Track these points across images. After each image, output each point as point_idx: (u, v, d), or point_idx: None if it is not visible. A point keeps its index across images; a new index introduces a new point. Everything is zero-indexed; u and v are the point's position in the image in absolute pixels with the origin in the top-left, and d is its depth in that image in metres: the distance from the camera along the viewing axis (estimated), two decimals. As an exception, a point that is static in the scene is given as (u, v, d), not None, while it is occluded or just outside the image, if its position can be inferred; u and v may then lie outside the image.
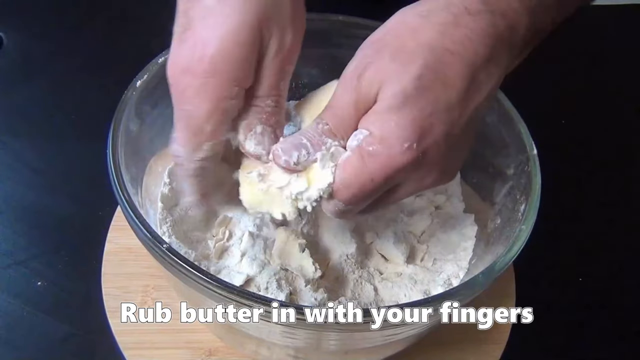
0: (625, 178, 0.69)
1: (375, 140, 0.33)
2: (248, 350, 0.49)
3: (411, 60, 0.33)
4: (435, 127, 0.33)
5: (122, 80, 0.45)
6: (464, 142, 0.36)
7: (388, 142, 0.33)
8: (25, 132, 0.66)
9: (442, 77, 0.33)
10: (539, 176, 0.43)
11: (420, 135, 0.33)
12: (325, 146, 0.35)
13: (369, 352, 0.44)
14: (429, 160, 0.34)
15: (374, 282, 0.48)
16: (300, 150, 0.35)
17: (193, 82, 0.35)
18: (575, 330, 0.55)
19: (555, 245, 0.58)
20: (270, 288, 0.43)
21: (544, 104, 0.73)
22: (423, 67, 0.32)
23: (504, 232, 0.44)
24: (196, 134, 0.36)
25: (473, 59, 0.33)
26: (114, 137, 0.41)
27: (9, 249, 0.55)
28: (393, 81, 0.33)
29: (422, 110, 0.33)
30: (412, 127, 0.32)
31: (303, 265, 0.45)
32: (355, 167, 0.34)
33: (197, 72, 0.34)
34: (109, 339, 0.49)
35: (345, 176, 0.34)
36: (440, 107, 0.33)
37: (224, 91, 0.35)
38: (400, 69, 0.33)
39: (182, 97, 0.36)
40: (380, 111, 0.33)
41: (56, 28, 0.78)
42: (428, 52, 0.33)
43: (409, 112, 0.32)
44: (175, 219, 0.49)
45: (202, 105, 0.35)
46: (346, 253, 0.48)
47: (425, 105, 0.33)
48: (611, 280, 0.59)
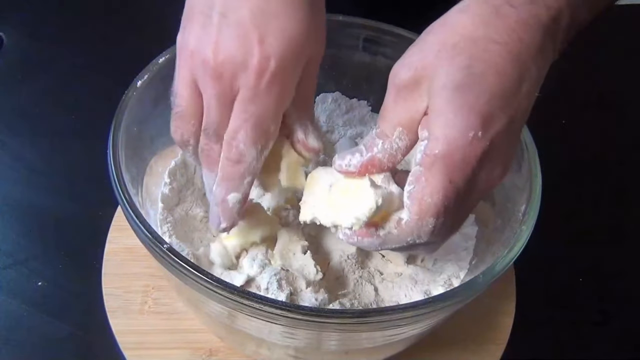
0: (626, 178, 0.69)
1: (438, 141, 0.31)
2: (248, 350, 0.49)
3: (456, 53, 0.32)
4: (496, 115, 0.31)
5: (122, 80, 0.45)
6: (520, 132, 0.35)
7: (452, 136, 0.31)
8: (25, 132, 0.66)
9: (492, 65, 0.31)
10: (539, 176, 0.43)
11: (483, 124, 0.31)
12: (377, 147, 0.35)
13: (369, 352, 0.44)
14: (497, 152, 0.32)
15: (374, 282, 0.48)
16: (354, 154, 0.35)
17: (255, 82, 0.34)
18: (576, 330, 0.55)
19: (555, 245, 0.58)
20: (271, 288, 0.43)
21: (544, 105, 0.72)
22: (470, 58, 0.31)
23: (505, 233, 0.44)
24: (265, 133, 0.36)
25: (519, 48, 0.32)
26: (115, 137, 0.41)
27: (9, 249, 0.55)
28: (440, 75, 0.31)
29: (478, 97, 0.31)
30: (471, 114, 0.31)
31: (305, 266, 0.45)
32: (430, 174, 0.32)
33: (260, 70, 0.34)
34: (109, 339, 0.49)
35: (422, 187, 0.32)
36: (497, 94, 0.31)
37: (289, 92, 0.35)
38: (446, 63, 0.32)
39: (248, 95, 0.35)
40: (434, 109, 0.32)
41: (56, 28, 0.78)
42: (472, 44, 0.32)
43: (464, 101, 0.31)
44: (175, 219, 0.49)
45: (270, 105, 0.35)
46: (347, 253, 0.48)
47: (480, 93, 0.31)
48: (611, 280, 0.59)
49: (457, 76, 0.31)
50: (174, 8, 0.36)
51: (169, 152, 0.51)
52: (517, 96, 0.32)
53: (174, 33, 0.38)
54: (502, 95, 0.31)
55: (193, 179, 0.52)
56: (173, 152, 0.52)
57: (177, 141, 0.40)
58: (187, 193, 0.51)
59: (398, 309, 0.35)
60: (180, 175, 0.51)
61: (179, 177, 0.51)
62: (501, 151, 0.32)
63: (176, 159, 0.51)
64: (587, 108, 0.76)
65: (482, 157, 0.31)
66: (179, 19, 0.37)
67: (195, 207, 0.51)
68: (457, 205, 0.33)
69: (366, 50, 0.52)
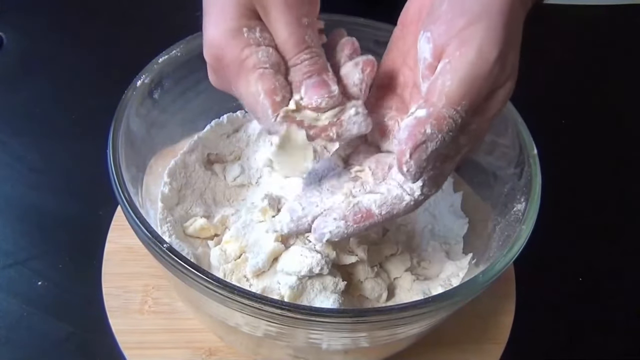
0: (626, 178, 0.69)
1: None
2: (248, 350, 0.49)
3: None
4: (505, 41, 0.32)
5: (122, 80, 0.45)
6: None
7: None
8: (26, 131, 0.66)
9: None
10: (539, 176, 0.43)
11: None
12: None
13: (369, 352, 0.44)
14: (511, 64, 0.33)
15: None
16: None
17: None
18: (575, 330, 0.55)
19: (555, 245, 0.58)
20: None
21: (544, 104, 0.73)
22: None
23: (504, 232, 0.44)
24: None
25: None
26: (115, 137, 0.41)
27: (10, 249, 0.55)
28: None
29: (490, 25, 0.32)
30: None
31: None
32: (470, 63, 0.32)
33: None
34: (109, 339, 0.49)
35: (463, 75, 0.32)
36: (500, 25, 0.32)
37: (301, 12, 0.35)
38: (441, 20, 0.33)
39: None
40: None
41: (56, 28, 0.78)
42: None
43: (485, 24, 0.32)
44: (175, 219, 0.49)
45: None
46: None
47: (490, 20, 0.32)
48: (611, 280, 0.59)
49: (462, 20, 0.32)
50: (174, 8, 0.36)
51: (169, 152, 0.51)
52: (511, 27, 0.33)
53: (174, 33, 0.38)
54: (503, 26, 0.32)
55: (193, 179, 0.52)
56: (173, 152, 0.52)
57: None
58: (187, 193, 0.51)
59: (397, 309, 0.35)
60: (180, 175, 0.51)
61: (179, 177, 0.51)
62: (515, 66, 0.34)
63: (176, 158, 0.52)
64: (588, 108, 0.76)
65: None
66: (179, 19, 0.37)
67: (195, 207, 0.51)
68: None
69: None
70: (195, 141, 0.53)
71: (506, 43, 0.32)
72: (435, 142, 0.31)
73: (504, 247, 0.40)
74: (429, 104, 0.32)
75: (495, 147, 0.48)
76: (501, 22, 0.32)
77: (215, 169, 0.54)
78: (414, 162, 0.32)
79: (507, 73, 0.33)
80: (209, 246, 0.48)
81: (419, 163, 0.32)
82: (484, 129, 0.35)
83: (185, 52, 0.47)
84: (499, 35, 0.32)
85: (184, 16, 0.36)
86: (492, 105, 0.34)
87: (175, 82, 0.48)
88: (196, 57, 0.37)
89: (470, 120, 0.33)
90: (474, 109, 0.32)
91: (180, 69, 0.48)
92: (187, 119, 0.53)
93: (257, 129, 0.55)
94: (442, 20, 0.33)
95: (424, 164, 0.32)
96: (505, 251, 0.39)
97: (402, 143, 0.32)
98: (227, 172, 0.54)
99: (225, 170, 0.54)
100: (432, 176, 0.35)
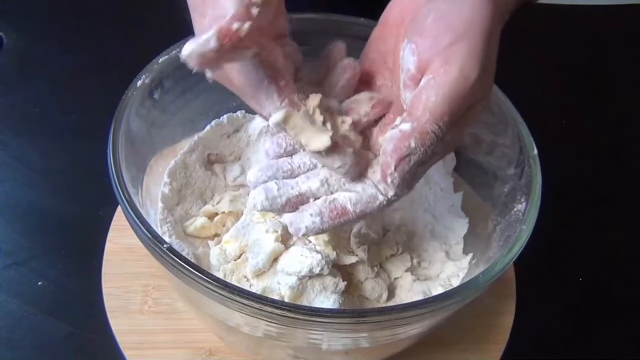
0: (626, 178, 0.69)
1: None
2: (248, 350, 0.49)
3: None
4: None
5: (122, 80, 0.45)
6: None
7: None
8: (25, 132, 0.66)
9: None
10: (539, 176, 0.43)
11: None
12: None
13: (369, 352, 0.44)
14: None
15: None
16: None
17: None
18: (575, 330, 0.55)
19: (555, 245, 0.58)
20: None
21: (544, 104, 0.73)
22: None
23: (505, 232, 0.44)
24: None
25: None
26: (115, 137, 0.41)
27: (9, 249, 0.55)
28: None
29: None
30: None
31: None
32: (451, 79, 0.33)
33: None
34: (109, 339, 0.49)
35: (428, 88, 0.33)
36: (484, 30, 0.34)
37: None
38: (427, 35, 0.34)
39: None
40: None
41: (56, 28, 0.78)
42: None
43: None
44: (175, 219, 0.49)
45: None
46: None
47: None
48: (611, 280, 0.59)
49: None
50: (174, 8, 0.36)
51: (169, 152, 0.51)
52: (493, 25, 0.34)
53: (174, 33, 0.38)
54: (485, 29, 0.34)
55: (193, 179, 0.52)
56: (173, 152, 0.52)
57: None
58: (187, 193, 0.51)
59: (397, 309, 0.35)
60: (180, 175, 0.51)
61: (179, 177, 0.51)
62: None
63: (176, 158, 0.52)
64: (587, 108, 0.76)
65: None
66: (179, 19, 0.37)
67: (195, 206, 0.51)
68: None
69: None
70: (196, 141, 0.53)
71: (486, 61, 0.34)
72: (417, 155, 0.33)
73: (504, 247, 0.40)
74: (414, 118, 0.33)
75: (495, 147, 0.48)
76: (482, 41, 0.33)
77: (216, 169, 0.54)
78: (398, 174, 0.34)
79: (484, 89, 0.35)
80: (209, 246, 0.48)
81: (402, 175, 0.34)
82: (458, 138, 0.37)
83: (185, 52, 0.47)
84: (480, 54, 0.33)
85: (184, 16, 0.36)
86: (469, 118, 0.36)
87: (175, 82, 0.48)
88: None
89: (447, 132, 0.34)
90: (453, 122, 0.34)
91: (180, 69, 0.48)
92: (187, 119, 0.53)
93: (257, 129, 0.55)
94: (427, 35, 0.34)
95: (406, 175, 0.34)
96: (506, 251, 0.39)
97: (387, 155, 0.34)
98: (227, 172, 0.54)
99: (225, 170, 0.54)
100: (406, 179, 0.36)
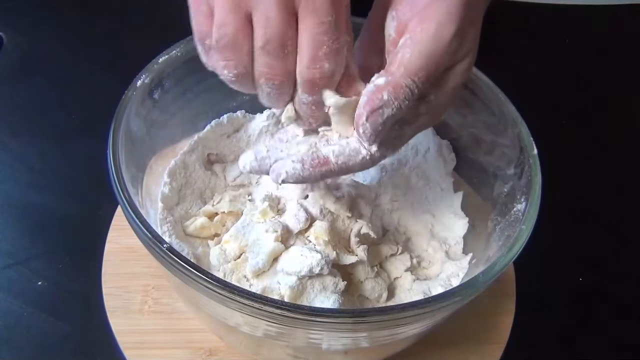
0: (626, 178, 0.69)
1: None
2: (248, 350, 0.49)
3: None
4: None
5: (122, 80, 0.45)
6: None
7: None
8: (25, 131, 0.66)
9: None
10: (539, 176, 0.43)
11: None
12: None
13: (369, 352, 0.44)
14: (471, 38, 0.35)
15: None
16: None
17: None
18: (575, 330, 0.55)
19: (555, 245, 0.58)
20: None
21: (544, 104, 0.73)
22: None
23: (504, 232, 0.44)
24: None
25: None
26: (115, 137, 0.41)
27: (9, 249, 0.55)
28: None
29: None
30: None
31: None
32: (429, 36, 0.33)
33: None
34: (109, 339, 0.49)
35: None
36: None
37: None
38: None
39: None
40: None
41: (56, 28, 0.78)
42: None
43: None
44: (175, 219, 0.49)
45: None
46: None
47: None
48: (611, 280, 0.59)
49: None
50: (174, 8, 0.36)
51: (169, 152, 0.51)
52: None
53: (174, 33, 0.38)
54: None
55: (193, 179, 0.52)
56: (173, 151, 0.52)
57: (228, 78, 0.36)
58: (186, 193, 0.51)
59: (397, 309, 0.35)
60: (180, 175, 0.51)
61: (179, 177, 0.51)
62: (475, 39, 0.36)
63: (176, 158, 0.52)
64: (587, 108, 0.76)
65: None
66: (179, 19, 0.37)
67: (195, 206, 0.51)
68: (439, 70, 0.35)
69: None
70: (196, 141, 0.53)
71: (465, 21, 0.34)
72: (391, 108, 0.34)
73: (504, 247, 0.40)
74: (389, 73, 0.34)
75: (495, 147, 0.48)
76: (460, 2, 0.34)
77: (215, 169, 0.54)
78: (370, 125, 0.35)
79: (465, 49, 0.36)
80: (209, 246, 0.48)
81: (375, 126, 0.35)
82: (444, 101, 0.38)
83: (185, 52, 0.47)
84: (458, 13, 0.34)
85: (184, 16, 0.36)
86: (451, 79, 0.37)
87: (175, 82, 0.48)
88: (196, 57, 0.37)
89: (428, 92, 0.36)
90: (431, 81, 0.35)
91: (180, 69, 0.48)
92: (187, 119, 0.53)
93: (257, 129, 0.55)
94: (406, 1, 0.35)
95: (379, 127, 0.35)
96: (505, 251, 0.39)
97: (360, 107, 0.35)
98: (227, 172, 0.54)
99: (225, 170, 0.54)
100: (390, 137, 0.37)
